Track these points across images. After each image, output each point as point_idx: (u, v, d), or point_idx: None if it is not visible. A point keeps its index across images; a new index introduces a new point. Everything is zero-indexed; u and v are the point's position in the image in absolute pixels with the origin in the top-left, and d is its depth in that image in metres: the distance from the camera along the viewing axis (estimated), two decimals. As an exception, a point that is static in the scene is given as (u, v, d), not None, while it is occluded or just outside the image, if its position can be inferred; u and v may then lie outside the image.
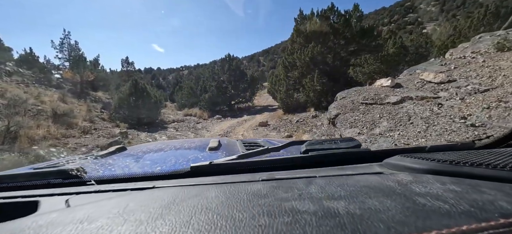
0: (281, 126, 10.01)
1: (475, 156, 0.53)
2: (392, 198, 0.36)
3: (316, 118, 9.71)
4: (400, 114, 5.36)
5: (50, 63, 18.93)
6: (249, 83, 18.85)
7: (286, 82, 12.12)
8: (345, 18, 11.22)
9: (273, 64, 49.35)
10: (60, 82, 14.39)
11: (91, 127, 8.57)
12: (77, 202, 0.49)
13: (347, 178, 0.48)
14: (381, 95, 6.43)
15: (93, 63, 20.81)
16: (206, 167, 0.65)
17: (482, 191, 0.35)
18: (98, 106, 13.65)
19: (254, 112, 16.94)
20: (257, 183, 0.49)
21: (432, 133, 4.39)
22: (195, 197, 0.42)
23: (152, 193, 0.49)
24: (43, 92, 11.89)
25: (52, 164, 0.94)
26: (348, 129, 5.48)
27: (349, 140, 0.78)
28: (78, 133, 7.24)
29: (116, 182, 0.64)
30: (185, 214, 0.35)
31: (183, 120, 14.86)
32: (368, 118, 5.61)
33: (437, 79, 6.24)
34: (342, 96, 7.30)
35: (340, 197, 0.38)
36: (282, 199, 0.38)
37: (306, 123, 9.38)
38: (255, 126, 10.99)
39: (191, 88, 20.01)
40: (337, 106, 6.69)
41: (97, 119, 11.23)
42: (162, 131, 11.36)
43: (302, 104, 11.56)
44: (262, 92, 27.01)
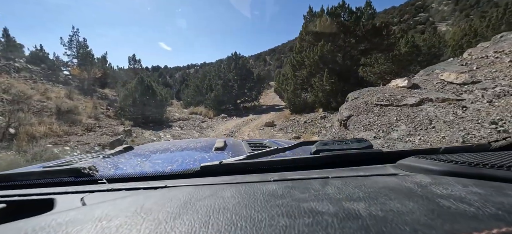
0: (288, 126, 9.63)
1: (493, 157, 0.50)
2: (414, 200, 0.34)
3: (325, 119, 9.29)
4: (419, 117, 4.93)
5: (59, 60, 19.05)
6: (256, 82, 18.51)
7: (294, 82, 11.73)
8: (357, 15, 10.74)
9: (279, 64, 48.87)
10: (67, 79, 14.39)
11: (95, 124, 8.41)
12: (92, 200, 0.49)
13: (363, 179, 0.46)
14: (398, 96, 5.99)
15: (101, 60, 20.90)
16: (216, 167, 0.64)
17: (507, 194, 0.33)
18: (104, 103, 13.58)
19: (260, 111, 16.60)
20: (270, 183, 0.47)
21: (458, 139, 3.96)
22: (211, 197, 0.41)
23: (165, 192, 0.48)
24: (50, 88, 11.86)
25: (63, 162, 0.94)
26: (361, 132, 5.08)
27: (361, 140, 0.75)
28: (81, 130, 7.06)
29: (127, 181, 0.64)
30: (202, 214, 0.34)
31: (188, 118, 14.66)
32: (384, 121, 5.19)
33: (460, 80, 5.76)
34: (354, 96, 6.89)
35: (359, 198, 0.36)
36: (299, 200, 0.37)
37: (314, 124, 8.98)
38: (261, 126, 10.66)
39: (197, 86, 19.82)
40: (349, 107, 6.28)
41: (102, 116, 11.12)
42: (167, 129, 11.16)
43: (309, 105, 11.15)
44: (268, 92, 26.63)
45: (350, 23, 10.69)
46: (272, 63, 53.86)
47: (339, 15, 10.78)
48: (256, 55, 67.20)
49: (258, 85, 18.71)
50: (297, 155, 0.88)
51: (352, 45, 11.03)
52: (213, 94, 16.83)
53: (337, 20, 10.67)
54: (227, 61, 18.59)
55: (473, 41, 15.67)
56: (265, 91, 24.74)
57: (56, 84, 13.17)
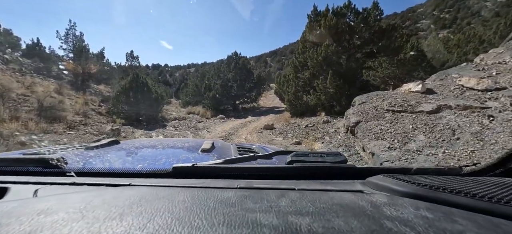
0: (289, 130, 8.98)
1: (457, 182, 0.51)
2: (359, 219, 0.35)
3: (327, 123, 8.65)
4: (439, 126, 4.28)
5: (54, 53, 18.35)
6: (256, 83, 17.86)
7: (295, 83, 11.09)
8: (363, 16, 10.12)
9: (280, 66, 48.32)
10: (60, 73, 13.70)
11: (81, 121, 7.74)
12: (47, 192, 0.48)
13: (322, 194, 0.47)
14: (411, 102, 5.35)
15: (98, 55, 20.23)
16: (188, 169, 0.64)
17: (454, 220, 0.34)
18: (97, 99, 12.91)
19: (259, 113, 15.94)
20: (231, 190, 0.48)
21: (491, 154, 3.31)
22: (163, 199, 0.41)
23: (123, 190, 0.48)
24: (39, 82, 11.19)
25: (40, 151, 0.91)
26: (373, 141, 4.44)
27: (336, 154, 0.75)
28: (62, 128, 6.39)
29: (94, 176, 0.63)
30: (144, 216, 0.34)
31: (185, 118, 14.00)
32: (398, 129, 4.55)
33: (481, 86, 5.13)
34: (362, 101, 6.25)
35: (308, 213, 0.37)
36: (248, 210, 0.37)
37: (316, 129, 8.33)
38: (259, 129, 10.00)
39: (196, 85, 19.15)
40: (357, 112, 5.64)
41: (93, 112, 10.45)
42: (161, 129, 10.49)
43: (311, 108, 10.51)
44: (268, 93, 26.00)
45: (356, 24, 10.08)
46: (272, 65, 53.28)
47: (344, 15, 10.17)
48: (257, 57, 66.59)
49: (258, 86, 18.06)
50: (273, 163, 0.88)
51: (357, 47, 10.42)
52: (211, 94, 16.17)
53: (342, 21, 10.05)
54: (227, 60, 17.95)
55: (480, 48, 15.14)
56: (265, 93, 24.09)
57: (47, 78, 12.50)
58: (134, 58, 18.97)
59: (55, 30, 17.59)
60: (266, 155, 0.92)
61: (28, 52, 19.45)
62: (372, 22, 10.30)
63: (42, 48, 21.08)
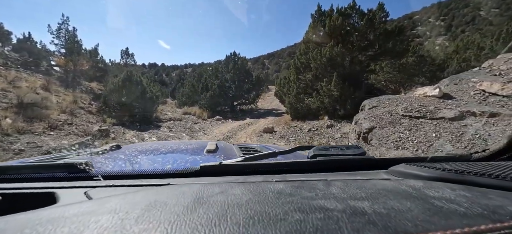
0: (290, 134, 8.42)
1: (475, 167, 0.52)
2: (410, 200, 0.35)
3: (332, 128, 8.12)
4: (467, 135, 3.77)
5: (45, 48, 17.43)
6: (254, 84, 17.29)
7: (297, 85, 10.56)
8: (368, 17, 9.67)
9: (278, 68, 47.98)
10: (49, 68, 12.88)
11: (66, 120, 7.02)
12: (96, 195, 0.47)
13: (362, 182, 0.46)
14: (429, 107, 4.85)
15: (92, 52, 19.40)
16: (216, 167, 0.63)
17: (490, 198, 0.35)
18: (88, 97, 12.14)
19: (258, 115, 15.35)
20: (274, 183, 0.46)
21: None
22: (222, 194, 0.40)
23: (172, 189, 0.46)
24: (26, 77, 10.40)
25: (57, 156, 0.91)
26: (392, 150, 3.90)
27: (355, 147, 0.75)
28: (43, 128, 5.69)
29: (124, 178, 0.61)
30: (217, 209, 0.33)
31: (180, 119, 13.31)
32: (419, 137, 4.02)
33: (506, 91, 4.66)
34: (372, 105, 5.73)
35: (362, 197, 0.37)
36: (308, 198, 0.37)
37: (320, 133, 7.80)
38: (259, 131, 9.42)
39: (192, 85, 18.48)
40: (369, 117, 5.11)
41: (82, 111, 9.71)
42: (155, 130, 9.81)
43: (313, 111, 9.98)
44: (266, 95, 25.46)
45: (361, 26, 9.62)
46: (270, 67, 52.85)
47: (349, 16, 9.70)
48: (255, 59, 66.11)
49: (257, 88, 17.49)
50: (295, 159, 0.85)
51: (361, 49, 9.95)
52: (208, 94, 15.52)
53: (347, 22, 9.59)
54: (226, 60, 17.34)
55: (481, 54, 14.93)
56: (263, 95, 23.53)
57: (34, 73, 11.69)
58: (129, 56, 18.20)
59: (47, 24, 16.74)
60: (286, 150, 0.91)
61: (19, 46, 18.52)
62: (377, 24, 9.87)
63: (33, 43, 20.18)
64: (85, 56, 15.55)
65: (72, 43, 14.90)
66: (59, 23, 17.06)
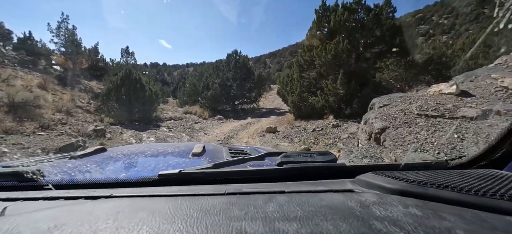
0: (294, 134, 8.03)
1: (445, 176, 0.50)
2: (348, 221, 0.34)
3: (338, 128, 7.71)
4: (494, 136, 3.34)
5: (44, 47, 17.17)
6: (256, 83, 16.89)
7: (300, 84, 10.16)
8: (375, 13, 9.24)
9: (279, 67, 47.53)
10: (47, 67, 12.58)
11: (60, 120, 6.69)
12: (17, 210, 0.45)
13: (311, 196, 0.45)
14: (447, 105, 4.44)
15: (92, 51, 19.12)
16: (174, 175, 0.60)
17: (442, 217, 0.34)
18: (86, 96, 11.83)
19: (260, 115, 14.96)
20: (218, 197, 0.46)
21: None
22: (143, 211, 0.39)
23: (102, 203, 0.45)
24: (21, 76, 10.10)
25: (19, 163, 0.87)
26: (410, 153, 3.49)
27: (326, 153, 0.73)
28: (34, 128, 5.35)
29: (73, 188, 0.59)
30: (121, 232, 0.32)
31: (181, 118, 12.98)
32: (440, 138, 3.61)
33: (533, 88, 4.24)
34: (383, 103, 5.32)
35: (296, 218, 0.36)
36: (233, 218, 0.36)
37: (326, 134, 7.39)
38: (261, 131, 9.04)
39: (194, 85, 18.13)
40: (381, 116, 4.71)
41: (79, 110, 9.39)
42: (154, 129, 9.47)
43: (317, 110, 9.58)
44: (267, 94, 25.06)
45: (368, 21, 9.19)
46: (272, 67, 52.38)
47: (355, 11, 9.27)
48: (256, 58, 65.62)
49: (259, 87, 17.09)
50: (264, 165, 0.86)
51: (367, 45, 9.52)
52: (209, 93, 15.16)
53: (352, 17, 9.16)
54: (227, 59, 16.96)
55: (490, 51, 14.43)
56: (264, 94, 23.12)
57: (32, 72, 11.39)
58: (130, 55, 17.87)
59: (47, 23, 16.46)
60: (256, 157, 0.89)
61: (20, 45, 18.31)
62: (384, 20, 9.43)
63: (34, 42, 19.98)
64: (84, 55, 15.25)
65: (71, 41, 14.60)
66: (58, 22, 16.76)
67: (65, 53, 14.55)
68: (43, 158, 0.98)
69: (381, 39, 9.47)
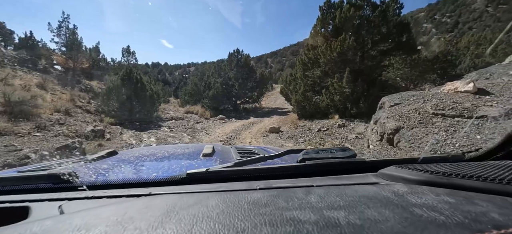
0: (298, 134, 7.76)
1: (465, 168, 0.50)
2: (390, 208, 0.34)
3: (344, 127, 7.43)
4: (522, 137, 3.05)
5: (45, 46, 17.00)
6: (258, 82, 16.63)
7: (304, 83, 9.88)
8: (381, 9, 8.93)
9: (281, 66, 47.20)
10: (47, 66, 12.38)
11: (58, 120, 6.46)
12: (70, 208, 0.46)
13: (345, 188, 0.46)
14: (465, 104, 4.14)
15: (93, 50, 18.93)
16: (202, 174, 0.61)
17: (475, 203, 0.34)
18: (86, 96, 11.62)
19: (262, 114, 14.71)
20: (256, 191, 0.47)
21: None
22: (195, 205, 0.39)
23: (149, 200, 0.45)
24: (22, 75, 9.90)
25: (40, 167, 0.89)
26: (428, 150, 3.21)
27: (345, 149, 0.73)
28: (29, 129, 5.12)
29: (109, 188, 0.59)
30: (186, 223, 0.33)
31: (182, 118, 12.75)
32: (461, 139, 3.33)
33: (558, 85, 3.93)
34: (394, 102, 5.04)
35: (340, 207, 0.36)
36: (282, 208, 0.36)
37: (332, 134, 7.11)
38: (264, 131, 8.78)
39: (195, 84, 17.90)
40: (394, 116, 4.43)
41: (79, 110, 9.18)
42: (155, 130, 9.24)
43: (322, 110, 9.30)
44: (269, 94, 24.78)
45: (374, 18, 8.88)
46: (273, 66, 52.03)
47: (361, 8, 8.97)
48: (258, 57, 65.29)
49: (261, 86, 16.83)
50: (284, 162, 0.83)
51: (373, 43, 9.22)
52: (211, 93, 14.92)
53: (358, 13, 8.86)
54: (229, 58, 16.69)
55: (498, 49, 14.08)
56: (267, 93, 22.85)
57: (32, 71, 11.19)
58: (131, 54, 17.65)
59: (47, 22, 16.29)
60: (276, 154, 0.89)
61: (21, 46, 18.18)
62: (391, 16, 9.12)
63: (35, 42, 19.84)
64: (85, 54, 15.06)
65: (72, 41, 14.40)
66: (59, 21, 16.60)
67: (65, 52, 14.35)
68: (60, 162, 0.98)
69: (388, 36, 9.16)
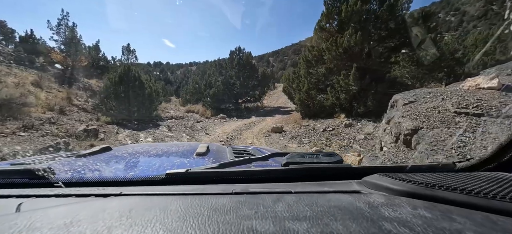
0: (302, 134, 7.33)
1: (452, 179, 0.49)
2: (358, 221, 0.33)
3: (351, 127, 6.99)
4: None
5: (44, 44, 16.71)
6: (260, 81, 16.21)
7: (307, 81, 9.44)
8: (390, 3, 8.46)
9: (282, 66, 46.71)
10: (45, 64, 12.06)
11: (49, 119, 6.10)
12: (31, 206, 0.45)
13: (319, 196, 0.44)
14: (491, 101, 3.69)
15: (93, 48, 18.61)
16: (181, 175, 0.60)
17: (452, 219, 0.33)
18: (84, 94, 11.29)
19: (264, 113, 14.28)
20: (227, 196, 0.46)
21: None
22: (154, 209, 0.39)
23: (113, 200, 0.45)
24: (17, 73, 9.57)
25: (32, 160, 0.86)
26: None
27: (332, 154, 0.71)
28: (15, 129, 4.76)
29: (83, 186, 0.59)
30: (134, 229, 0.32)
31: (182, 117, 12.38)
32: (491, 141, 2.89)
33: None
34: (408, 100, 4.59)
35: (305, 217, 0.35)
36: (244, 217, 0.35)
37: (338, 134, 6.68)
38: (266, 131, 8.36)
39: (196, 83, 17.53)
40: (410, 115, 3.98)
41: (75, 109, 8.83)
42: (153, 129, 8.87)
43: (327, 109, 8.86)
44: (271, 93, 24.33)
45: (381, 12, 8.41)
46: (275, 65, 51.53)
47: (368, 1, 8.50)
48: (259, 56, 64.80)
49: (263, 85, 16.40)
50: (269, 166, 0.83)
51: (381, 39, 8.75)
52: (212, 92, 14.52)
53: (365, 8, 8.39)
54: (230, 56, 16.28)
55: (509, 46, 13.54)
56: (268, 92, 22.40)
57: (28, 69, 10.88)
58: (131, 52, 17.29)
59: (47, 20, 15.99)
60: (262, 157, 0.88)
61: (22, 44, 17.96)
62: (399, 11, 8.64)
63: (35, 40, 19.62)
64: (84, 52, 14.73)
65: (70, 38, 14.08)
66: (58, 19, 16.32)
67: (64, 50, 14.04)
68: (52, 156, 0.96)
69: (396, 32, 8.68)
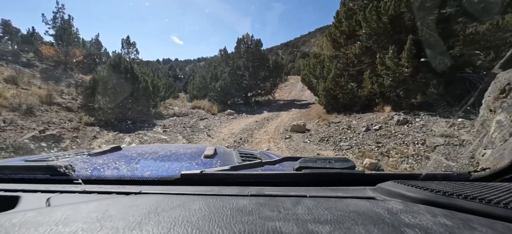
0: (335, 135, 5.26)
1: (469, 188, 0.47)
2: (379, 227, 0.32)
3: (407, 125, 4.83)
4: None
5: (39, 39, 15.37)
6: (271, 72, 14.09)
7: (334, 65, 7.27)
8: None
9: (292, 58, 44.02)
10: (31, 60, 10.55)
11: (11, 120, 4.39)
12: (59, 201, 0.46)
13: (336, 201, 0.43)
14: None
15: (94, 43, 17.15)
16: (196, 176, 0.59)
17: (473, 227, 0.32)
18: (74, 91, 9.72)
19: (277, 108, 12.22)
20: (245, 198, 0.45)
21: None
22: (179, 207, 0.39)
23: (136, 198, 0.45)
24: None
25: (43, 157, 0.89)
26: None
27: (344, 160, 0.69)
28: None
29: (103, 183, 0.59)
30: (163, 226, 0.32)
31: (186, 114, 10.57)
32: None
33: None
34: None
35: (327, 221, 0.34)
36: (266, 218, 0.35)
37: (391, 135, 4.56)
38: (284, 130, 6.35)
39: (203, 77, 15.70)
40: None
41: (56, 107, 7.20)
42: (146, 130, 7.09)
43: (362, 100, 6.70)
44: (282, 85, 22.13)
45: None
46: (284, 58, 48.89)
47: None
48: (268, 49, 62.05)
49: (275, 75, 14.28)
50: (281, 170, 0.81)
51: (440, 4, 6.37)
52: (218, 84, 12.60)
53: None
54: (237, 44, 14.22)
55: None
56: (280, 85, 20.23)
57: (10, 64, 9.40)
58: (131, 45, 15.63)
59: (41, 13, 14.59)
60: (273, 161, 0.85)
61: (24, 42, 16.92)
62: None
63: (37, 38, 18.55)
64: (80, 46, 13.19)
65: (62, 30, 12.53)
66: (54, 12, 14.88)
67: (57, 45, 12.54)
68: (60, 154, 0.95)
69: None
